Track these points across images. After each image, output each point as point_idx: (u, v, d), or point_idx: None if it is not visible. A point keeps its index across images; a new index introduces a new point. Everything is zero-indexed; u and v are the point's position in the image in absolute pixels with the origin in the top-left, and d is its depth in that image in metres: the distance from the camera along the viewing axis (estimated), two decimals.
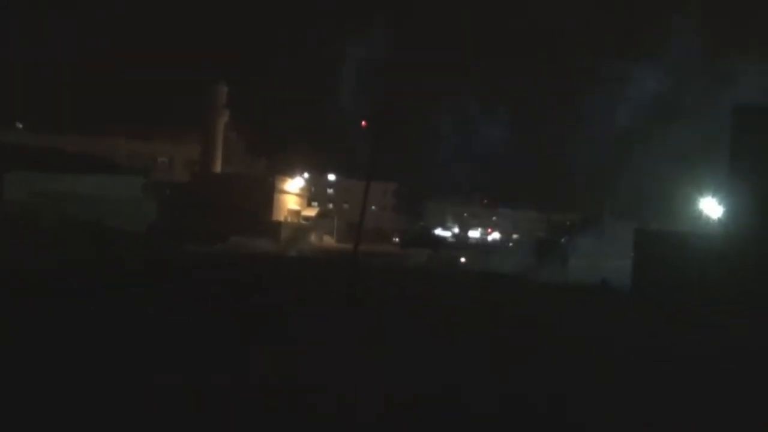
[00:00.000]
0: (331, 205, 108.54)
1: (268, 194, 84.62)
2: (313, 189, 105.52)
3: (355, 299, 21.57)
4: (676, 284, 30.50)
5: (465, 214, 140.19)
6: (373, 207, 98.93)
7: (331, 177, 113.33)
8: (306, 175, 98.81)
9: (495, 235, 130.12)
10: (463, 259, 65.41)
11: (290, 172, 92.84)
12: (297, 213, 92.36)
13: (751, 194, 31.91)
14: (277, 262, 41.03)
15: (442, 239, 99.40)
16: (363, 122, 55.02)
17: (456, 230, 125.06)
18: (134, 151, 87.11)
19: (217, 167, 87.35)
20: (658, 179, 61.77)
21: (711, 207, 55.50)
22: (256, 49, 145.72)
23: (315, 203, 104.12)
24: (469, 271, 48.37)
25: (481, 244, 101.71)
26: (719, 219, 46.97)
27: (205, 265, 32.20)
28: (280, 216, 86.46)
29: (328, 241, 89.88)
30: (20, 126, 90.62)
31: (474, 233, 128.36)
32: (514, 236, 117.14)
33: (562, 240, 60.85)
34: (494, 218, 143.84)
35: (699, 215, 56.65)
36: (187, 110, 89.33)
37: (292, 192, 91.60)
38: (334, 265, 36.29)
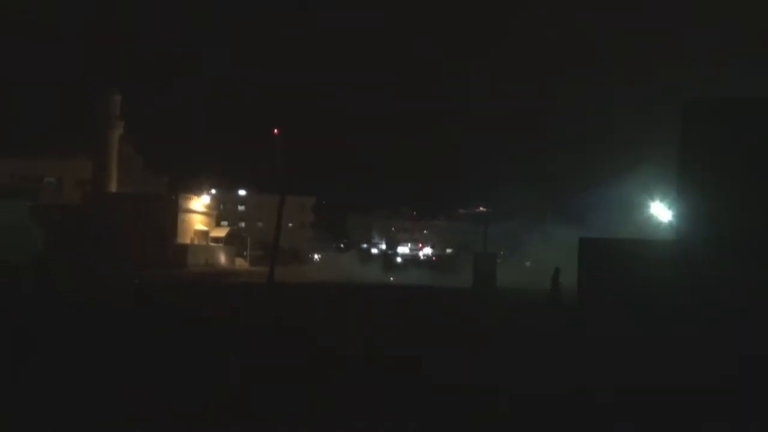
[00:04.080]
0: (243, 224, 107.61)
1: (172, 215, 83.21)
2: (221, 206, 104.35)
3: None
4: (625, 296, 30.46)
5: (393, 228, 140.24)
6: (290, 224, 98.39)
7: (242, 193, 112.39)
8: (213, 191, 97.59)
9: (426, 250, 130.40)
10: (392, 278, 65.18)
11: (196, 189, 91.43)
12: (205, 234, 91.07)
13: (701, 192, 32.10)
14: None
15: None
16: (274, 130, 54.57)
17: (383, 246, 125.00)
18: (16, 171, 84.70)
19: (113, 186, 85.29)
20: (603, 185, 62.61)
21: (661, 211, 56.31)
22: (151, 54, 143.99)
23: (225, 222, 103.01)
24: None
25: (411, 260, 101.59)
26: (670, 222, 47.55)
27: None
28: (186, 238, 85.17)
29: (241, 264, 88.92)
30: None
31: (403, 249, 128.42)
32: (448, 250, 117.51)
33: (502, 253, 60.84)
34: (425, 231, 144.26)
35: (648, 220, 57.39)
36: (76, 123, 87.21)
37: (199, 211, 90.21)
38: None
